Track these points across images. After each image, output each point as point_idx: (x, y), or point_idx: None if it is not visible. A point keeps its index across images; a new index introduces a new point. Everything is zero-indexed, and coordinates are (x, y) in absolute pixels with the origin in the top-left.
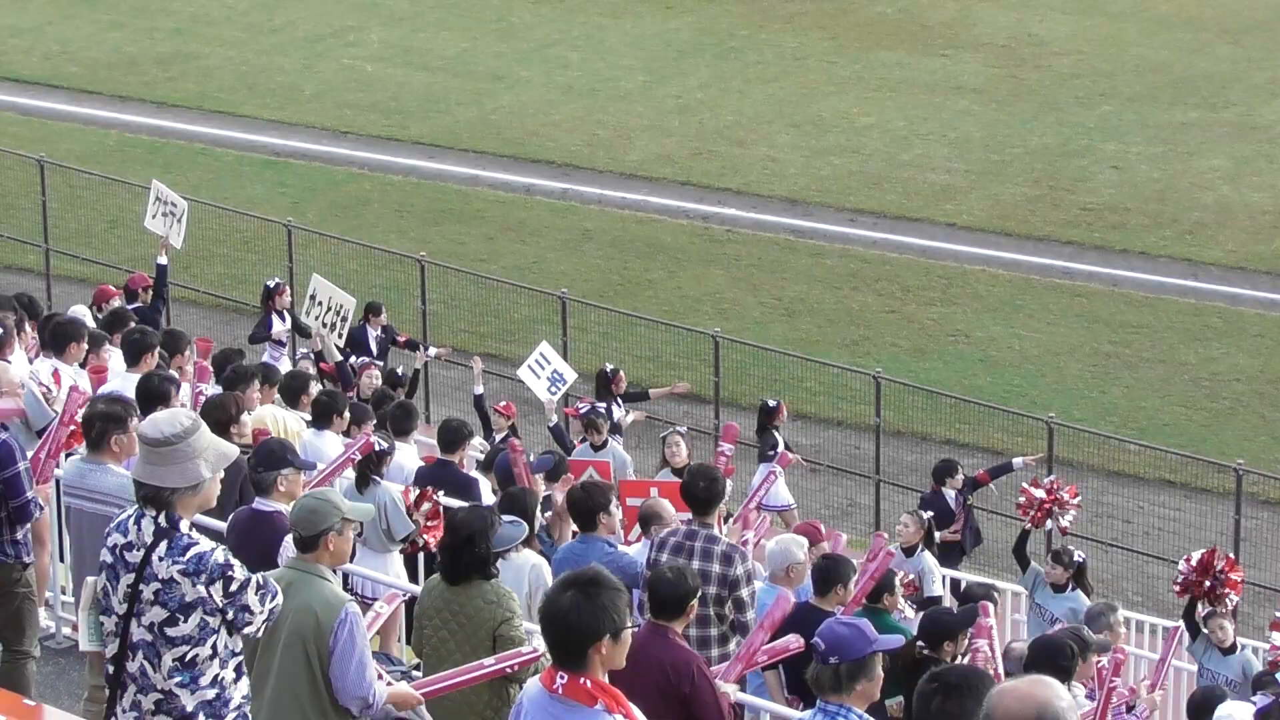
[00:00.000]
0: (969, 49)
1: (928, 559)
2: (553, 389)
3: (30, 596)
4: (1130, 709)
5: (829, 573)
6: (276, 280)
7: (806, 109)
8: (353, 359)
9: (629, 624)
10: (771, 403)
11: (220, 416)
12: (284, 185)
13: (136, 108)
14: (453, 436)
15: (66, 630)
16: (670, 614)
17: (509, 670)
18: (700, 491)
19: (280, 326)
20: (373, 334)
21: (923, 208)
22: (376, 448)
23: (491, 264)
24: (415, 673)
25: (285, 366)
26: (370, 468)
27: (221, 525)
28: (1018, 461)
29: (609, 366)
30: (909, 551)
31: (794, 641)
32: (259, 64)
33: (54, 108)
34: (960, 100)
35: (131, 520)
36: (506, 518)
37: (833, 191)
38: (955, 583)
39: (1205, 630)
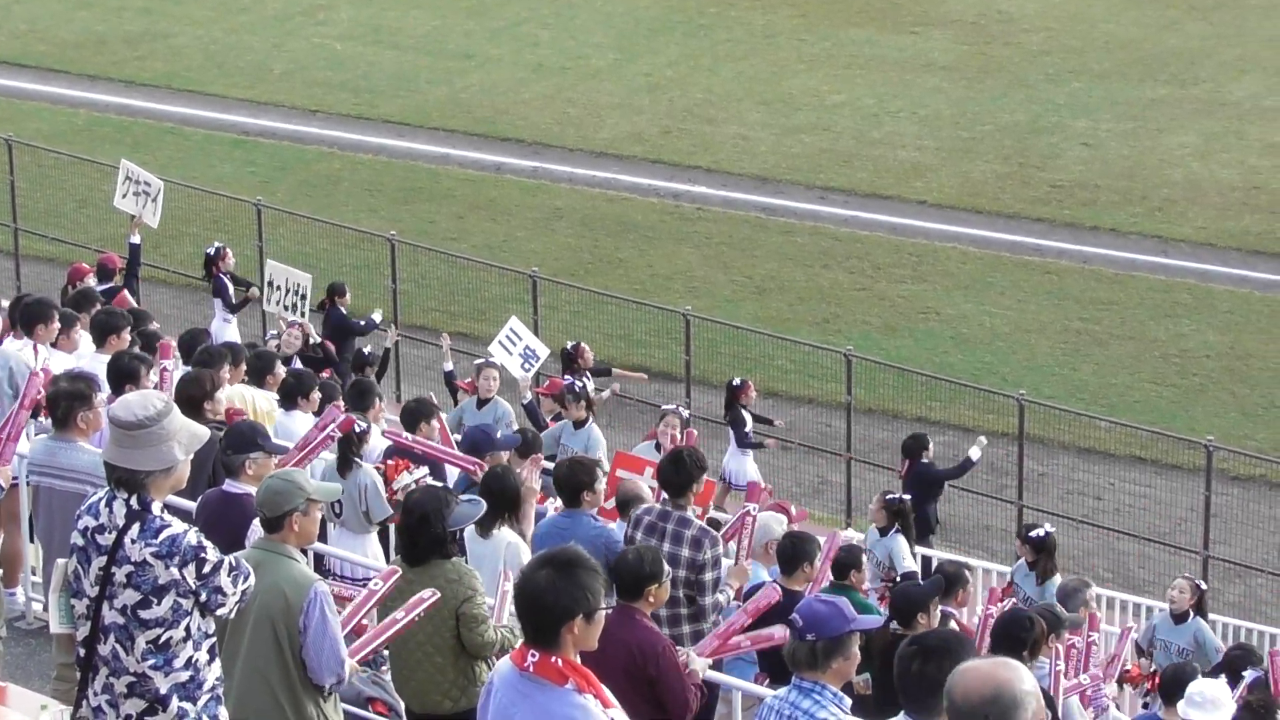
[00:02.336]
0: (938, 26)
1: (900, 541)
2: (526, 365)
3: None
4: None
5: (794, 552)
6: (216, 245)
7: (776, 87)
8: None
9: (603, 605)
10: (736, 381)
11: (194, 392)
12: (253, 164)
13: (105, 87)
14: (414, 416)
15: (37, 609)
16: (629, 596)
17: (418, 617)
18: (670, 475)
19: (232, 290)
20: (343, 314)
21: (893, 185)
22: (357, 428)
23: (462, 243)
24: (385, 651)
25: (233, 334)
26: (351, 449)
27: (191, 505)
28: (975, 453)
29: (570, 344)
30: (882, 532)
31: (778, 631)
32: (228, 43)
33: (22, 87)
34: (930, 78)
35: (103, 503)
36: (464, 496)
37: (803, 169)
38: (927, 560)
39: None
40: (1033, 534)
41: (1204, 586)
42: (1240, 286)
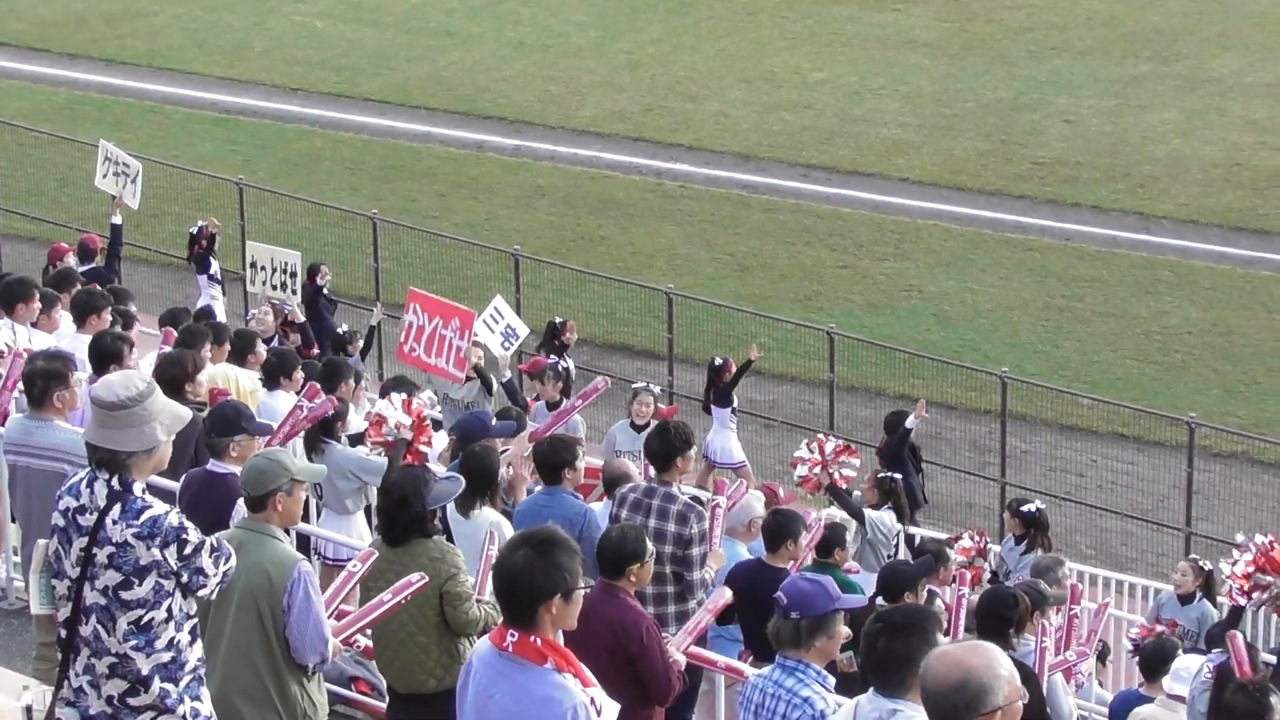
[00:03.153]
0: (920, 3)
1: (885, 517)
2: (506, 344)
3: None
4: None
5: (779, 529)
6: (200, 224)
7: (758, 64)
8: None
9: (581, 585)
10: (719, 361)
11: (175, 373)
12: (234, 143)
13: (85, 65)
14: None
15: (19, 588)
16: (611, 574)
17: (404, 600)
18: (657, 449)
19: (216, 266)
20: (324, 291)
21: (875, 163)
22: (331, 412)
23: (444, 221)
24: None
25: (219, 311)
26: (322, 429)
27: (174, 485)
28: (910, 421)
29: (558, 318)
30: (875, 509)
31: (728, 592)
32: (208, 21)
33: (2, 65)
34: (912, 55)
35: (83, 483)
36: (442, 473)
37: (785, 147)
38: (910, 538)
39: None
40: (1024, 509)
41: (1208, 567)
42: (1222, 263)
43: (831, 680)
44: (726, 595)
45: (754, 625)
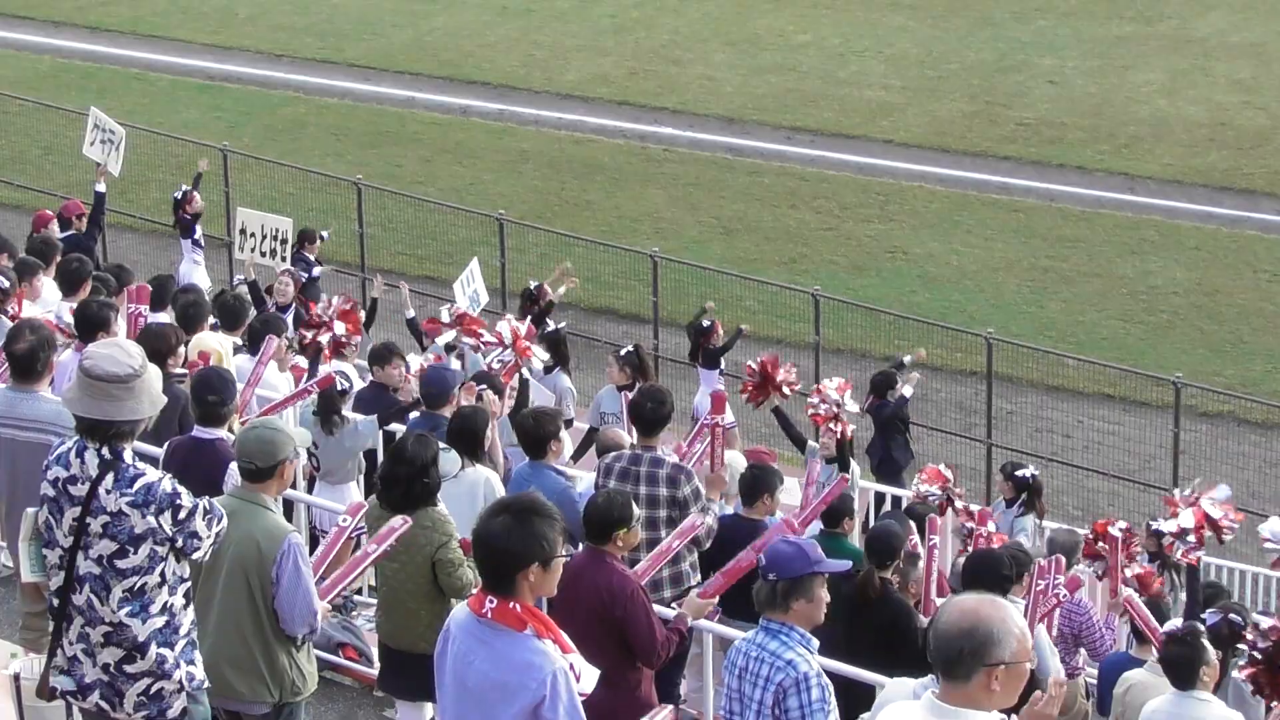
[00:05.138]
0: None
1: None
2: (472, 307)
3: None
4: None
5: (756, 483)
6: (184, 189)
7: (742, 27)
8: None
9: (560, 553)
10: (705, 322)
11: (159, 346)
12: (219, 109)
13: (70, 33)
14: (380, 357)
15: (5, 558)
16: (598, 539)
17: (391, 548)
18: (647, 413)
19: (200, 231)
20: (312, 260)
21: (860, 125)
22: (339, 386)
23: (429, 186)
24: (356, 597)
25: (202, 275)
26: (334, 406)
27: (159, 451)
28: (906, 390)
29: (533, 283)
30: (829, 460)
31: (747, 558)
32: None
33: None
34: (896, 16)
35: (72, 453)
36: (440, 445)
37: (769, 109)
38: (897, 500)
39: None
40: (1018, 473)
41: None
42: (1207, 223)
43: (815, 643)
44: (784, 530)
45: (744, 590)
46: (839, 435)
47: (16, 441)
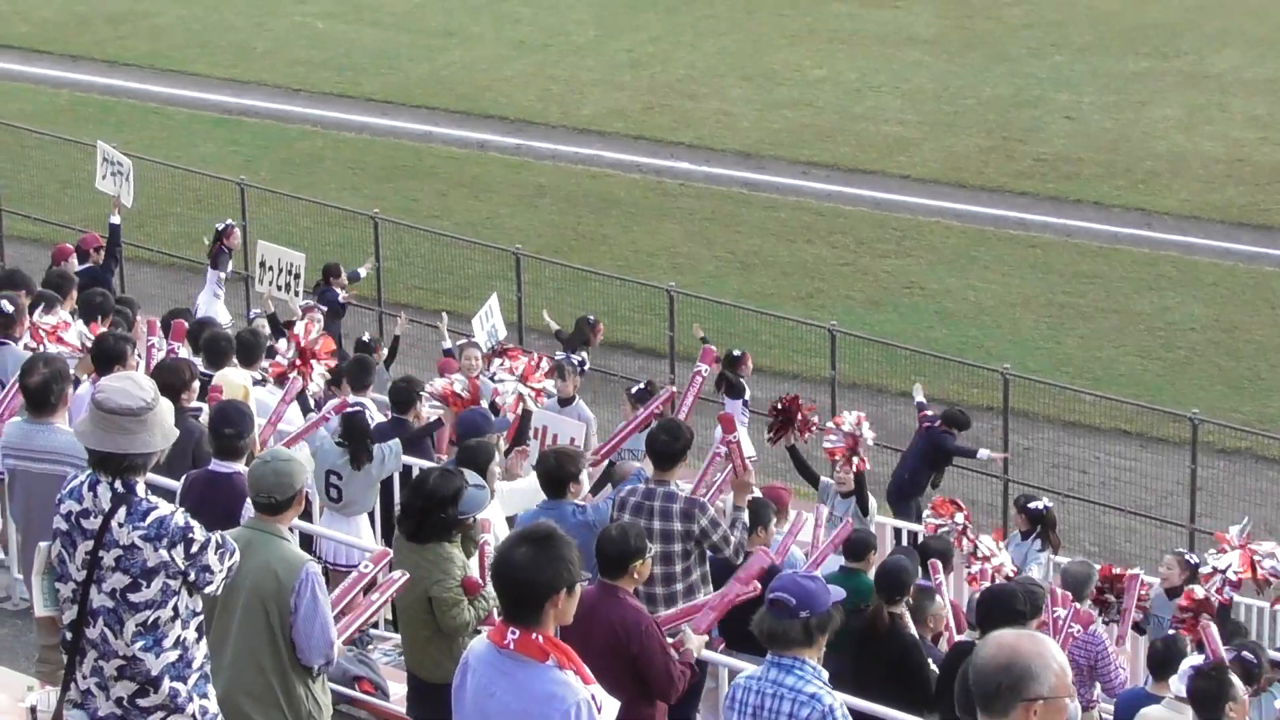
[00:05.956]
0: (920, 0)
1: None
2: (489, 341)
3: None
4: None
5: (753, 516)
6: (227, 222)
7: (759, 62)
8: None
9: (582, 577)
10: (736, 352)
11: (172, 381)
12: (236, 143)
13: (88, 67)
14: (403, 396)
15: (23, 589)
16: (612, 573)
17: (392, 597)
18: (661, 446)
19: (230, 267)
20: (338, 295)
21: (876, 160)
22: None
23: (445, 220)
24: (373, 630)
25: (221, 309)
26: (366, 440)
27: (175, 485)
28: (983, 454)
29: (591, 316)
30: (846, 495)
31: (761, 562)
32: (210, 21)
33: (4, 67)
34: (912, 51)
35: (84, 486)
36: (471, 480)
37: (786, 144)
38: (914, 536)
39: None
40: (1031, 505)
41: (1195, 561)
42: (1224, 259)
43: (825, 674)
44: (764, 561)
45: (741, 621)
46: (855, 470)
47: (31, 473)
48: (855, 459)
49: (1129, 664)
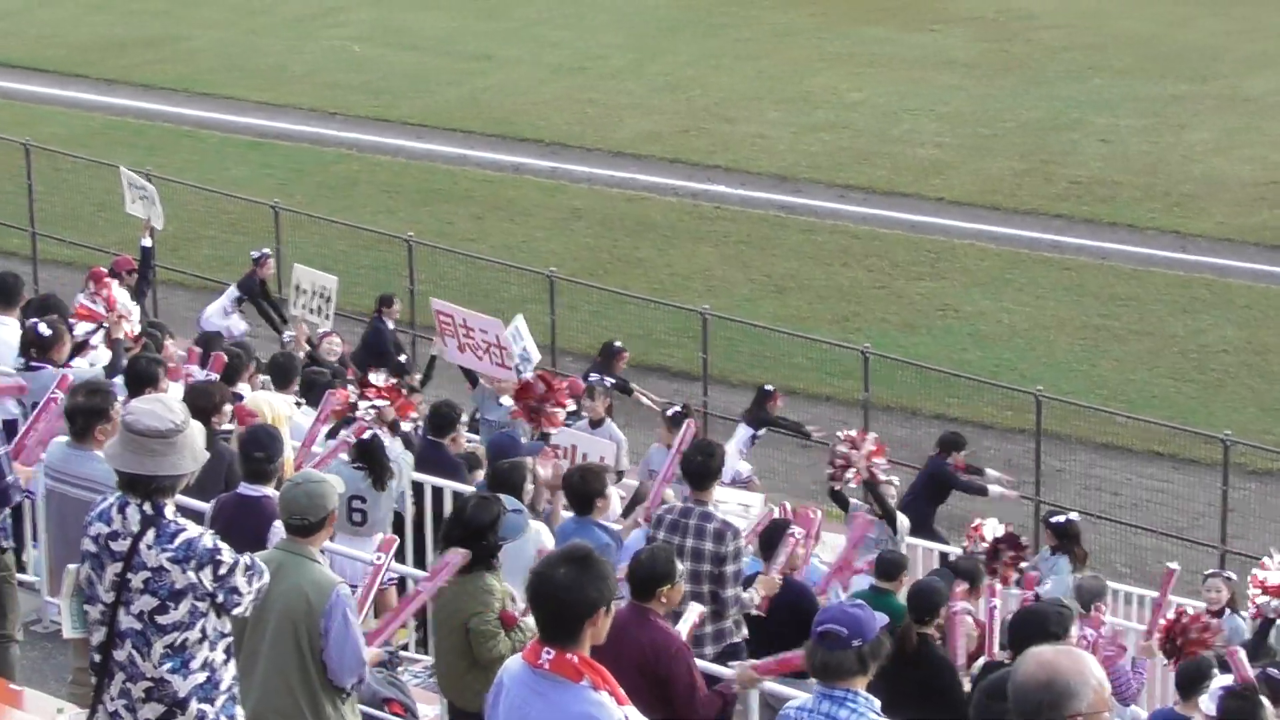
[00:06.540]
0: (957, 23)
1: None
2: (521, 367)
3: (10, 580)
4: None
5: (772, 539)
6: (264, 250)
7: (795, 85)
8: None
9: (618, 596)
10: (769, 387)
11: (204, 404)
12: (270, 166)
13: (122, 90)
14: (442, 420)
15: (54, 612)
16: (642, 595)
17: (445, 582)
18: (696, 466)
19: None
20: (388, 324)
21: (912, 183)
22: (367, 434)
23: (480, 243)
24: (403, 652)
25: (236, 321)
26: (385, 462)
27: (204, 506)
28: (994, 490)
29: (617, 342)
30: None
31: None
32: (245, 45)
33: (39, 91)
34: (949, 75)
35: (114, 509)
36: (510, 505)
37: (822, 167)
38: (944, 556)
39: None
40: (1054, 520)
41: (1233, 577)
42: (1259, 281)
43: (877, 702)
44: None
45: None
46: (856, 481)
47: (67, 498)
48: (851, 473)
49: (1150, 671)
